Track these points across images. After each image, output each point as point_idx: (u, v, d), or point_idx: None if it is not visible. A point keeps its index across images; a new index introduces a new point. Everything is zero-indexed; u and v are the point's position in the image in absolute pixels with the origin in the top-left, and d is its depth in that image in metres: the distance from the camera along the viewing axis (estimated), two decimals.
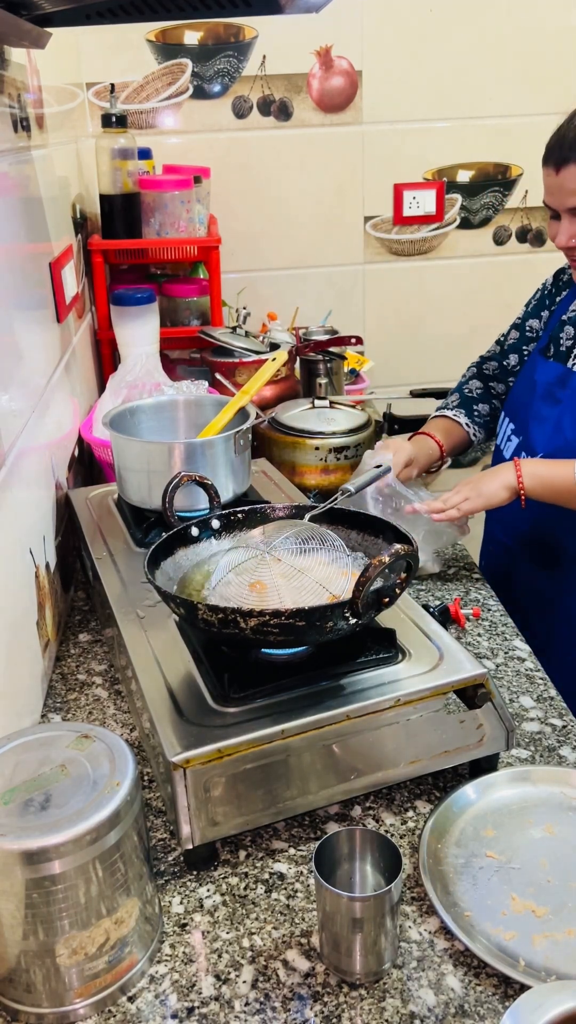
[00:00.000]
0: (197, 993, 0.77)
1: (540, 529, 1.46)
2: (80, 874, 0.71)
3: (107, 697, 1.16)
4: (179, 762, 0.83)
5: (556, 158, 1.27)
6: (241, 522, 1.13)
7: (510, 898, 0.83)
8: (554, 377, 1.44)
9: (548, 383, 1.45)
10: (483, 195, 2.41)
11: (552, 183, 1.29)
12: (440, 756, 0.95)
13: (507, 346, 1.60)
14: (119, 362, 1.84)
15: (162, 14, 1.11)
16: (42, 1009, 0.75)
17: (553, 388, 1.45)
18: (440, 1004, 0.75)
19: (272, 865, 0.90)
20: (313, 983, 0.78)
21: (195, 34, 2.14)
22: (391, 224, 2.39)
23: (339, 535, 1.05)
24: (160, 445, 1.33)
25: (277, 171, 2.28)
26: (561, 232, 1.33)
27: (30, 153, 1.37)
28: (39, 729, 0.82)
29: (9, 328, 1.14)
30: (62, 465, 1.46)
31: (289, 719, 0.87)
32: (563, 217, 1.31)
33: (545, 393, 1.46)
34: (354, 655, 0.97)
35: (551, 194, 1.31)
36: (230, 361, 1.84)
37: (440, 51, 2.25)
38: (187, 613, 0.91)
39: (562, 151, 1.25)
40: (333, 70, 2.23)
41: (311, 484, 1.62)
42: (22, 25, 1.09)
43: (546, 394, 1.45)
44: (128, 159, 1.87)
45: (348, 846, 0.81)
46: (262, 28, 2.16)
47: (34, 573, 1.16)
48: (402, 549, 0.88)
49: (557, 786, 0.96)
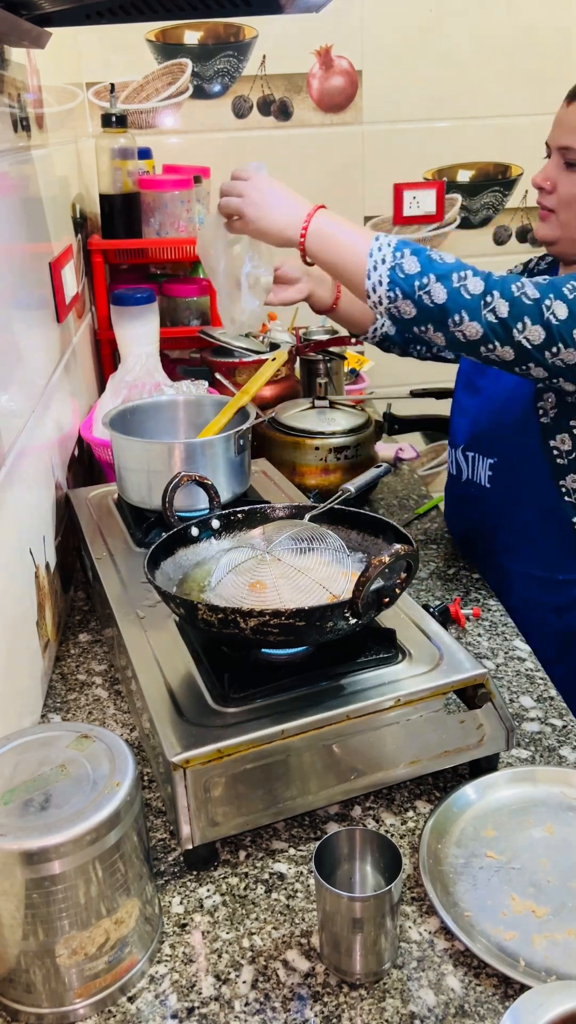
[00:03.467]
0: (197, 993, 0.77)
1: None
2: (80, 874, 0.71)
3: (107, 697, 1.16)
4: (179, 762, 0.83)
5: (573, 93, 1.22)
6: (241, 522, 1.13)
7: (510, 898, 0.83)
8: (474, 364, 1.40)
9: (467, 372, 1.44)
10: (483, 195, 2.41)
11: (559, 115, 1.24)
12: (440, 756, 0.95)
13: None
14: (119, 362, 1.84)
15: (162, 14, 1.11)
16: (42, 1009, 0.75)
17: (473, 377, 1.43)
18: (440, 1004, 0.75)
19: (272, 865, 0.90)
20: (313, 983, 0.78)
21: (195, 34, 2.14)
22: (391, 224, 2.39)
23: (339, 535, 1.05)
24: (160, 445, 1.33)
25: (277, 171, 2.24)
26: (541, 170, 1.27)
27: (30, 153, 1.37)
28: (39, 729, 0.82)
29: (9, 328, 1.14)
30: (62, 465, 1.46)
31: (289, 719, 0.87)
32: (552, 154, 1.26)
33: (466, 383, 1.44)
34: (354, 655, 0.97)
35: (553, 128, 1.25)
36: (230, 361, 1.84)
37: (440, 51, 2.25)
38: (187, 613, 0.91)
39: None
40: (333, 70, 2.23)
41: (311, 484, 1.62)
42: (22, 25, 1.09)
43: (467, 384, 1.44)
44: (128, 159, 1.87)
45: (348, 846, 0.81)
46: (262, 28, 2.16)
47: (34, 573, 1.16)
48: (402, 549, 0.88)
49: (557, 786, 0.96)
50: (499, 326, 1.10)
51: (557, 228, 1.28)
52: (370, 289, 1.13)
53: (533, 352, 1.11)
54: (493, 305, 1.10)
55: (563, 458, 1.29)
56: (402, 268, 1.11)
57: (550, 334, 1.10)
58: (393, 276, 1.11)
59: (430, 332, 1.14)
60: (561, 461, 1.29)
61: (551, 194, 1.26)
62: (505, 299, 1.10)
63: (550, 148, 1.27)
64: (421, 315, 1.12)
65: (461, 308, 1.10)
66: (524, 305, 1.10)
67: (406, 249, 1.13)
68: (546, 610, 1.36)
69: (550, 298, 1.10)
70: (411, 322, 1.14)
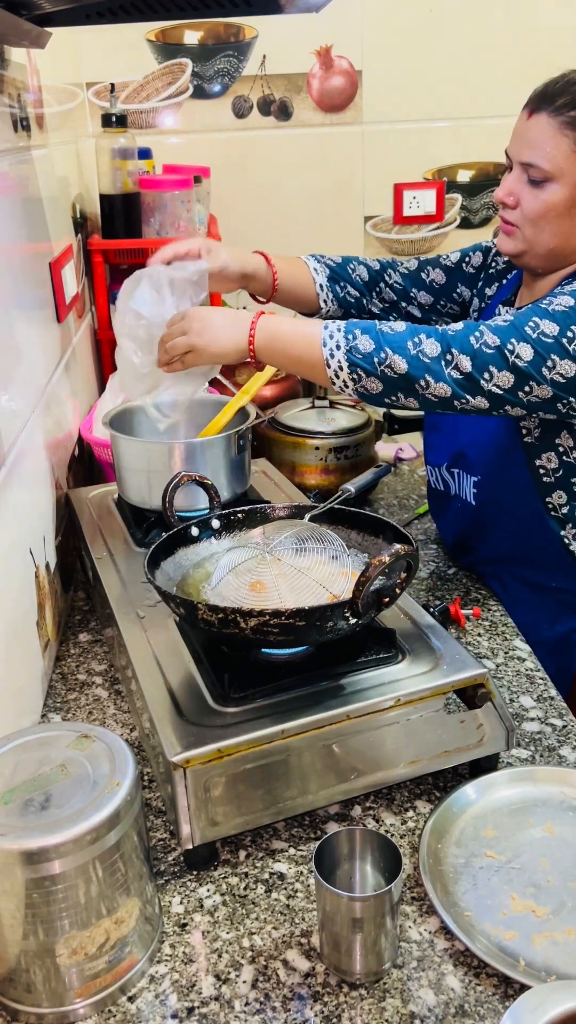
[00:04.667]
0: (197, 993, 0.77)
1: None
2: (80, 874, 0.71)
3: (107, 697, 1.16)
4: (179, 762, 0.83)
5: (532, 104, 1.18)
6: (241, 522, 1.13)
7: (510, 898, 0.83)
8: None
9: None
10: (483, 195, 2.41)
11: (518, 127, 1.20)
12: (440, 756, 0.95)
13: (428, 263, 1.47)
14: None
15: (162, 14, 1.11)
16: (42, 1009, 0.75)
17: None
18: (440, 1004, 0.75)
19: (272, 865, 0.90)
20: (313, 983, 0.78)
21: (195, 34, 2.14)
22: (391, 224, 2.39)
23: (339, 535, 1.05)
24: (160, 445, 1.33)
25: (277, 171, 2.28)
26: (502, 184, 1.22)
27: (30, 153, 1.37)
28: (39, 729, 0.82)
29: (9, 328, 1.14)
30: (62, 465, 1.45)
31: (289, 719, 0.87)
32: (514, 168, 1.20)
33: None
34: (354, 655, 0.97)
35: (513, 140, 1.21)
36: None
37: (440, 51, 2.25)
38: (187, 613, 0.91)
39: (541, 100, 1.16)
40: (333, 70, 2.22)
41: (311, 484, 1.62)
42: (22, 25, 1.09)
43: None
44: (128, 159, 1.87)
45: (348, 846, 0.81)
46: (262, 28, 2.16)
47: (34, 573, 1.16)
48: (402, 549, 0.88)
49: (557, 786, 0.96)
50: (465, 380, 1.11)
51: (522, 243, 1.24)
52: (332, 376, 1.15)
53: (506, 396, 1.12)
54: (455, 362, 1.11)
55: (549, 476, 1.28)
56: (358, 349, 1.13)
57: (519, 376, 1.10)
58: (351, 359, 1.13)
59: (402, 399, 1.15)
60: (548, 479, 1.28)
61: (514, 209, 1.22)
62: (465, 353, 1.10)
63: (510, 159, 1.21)
64: (388, 387, 1.13)
65: (424, 373, 1.11)
66: (486, 355, 1.10)
67: (356, 330, 1.14)
68: (538, 616, 1.36)
69: (512, 342, 1.10)
70: (381, 395, 1.15)
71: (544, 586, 1.36)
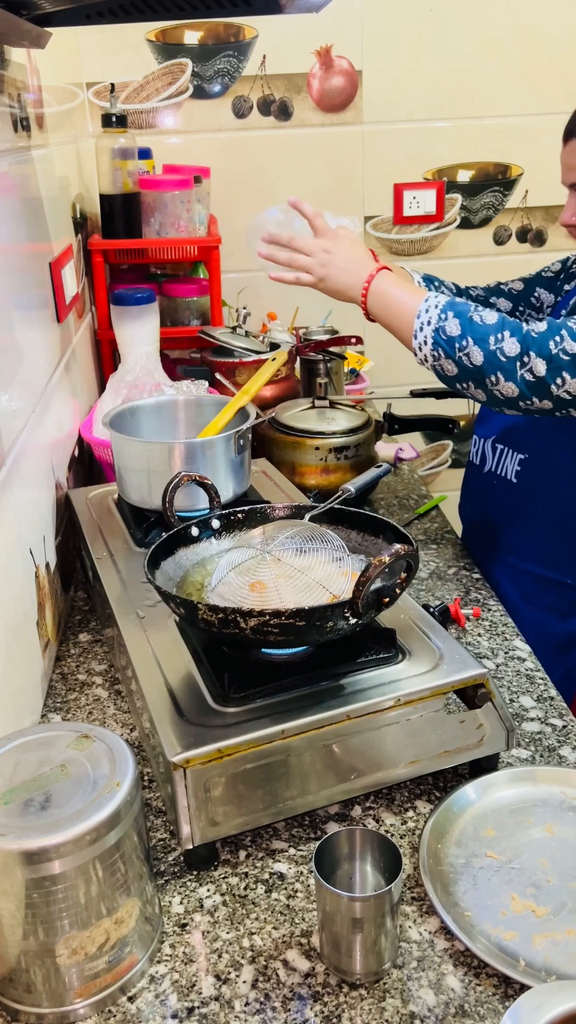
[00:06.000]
0: (197, 993, 0.77)
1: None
2: (80, 874, 0.71)
3: (107, 697, 1.16)
4: (179, 762, 0.83)
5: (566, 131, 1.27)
6: (241, 522, 1.13)
7: (510, 898, 0.83)
8: None
9: None
10: (483, 195, 2.41)
11: (562, 155, 1.29)
12: (440, 756, 0.95)
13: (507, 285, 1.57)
14: (119, 362, 1.84)
15: (162, 14, 1.11)
16: (42, 1009, 0.75)
17: None
18: (440, 1004, 0.75)
19: (272, 865, 0.90)
20: (313, 983, 0.78)
21: (195, 34, 2.14)
22: (391, 224, 2.39)
23: (339, 535, 1.05)
24: (160, 445, 1.33)
25: (277, 171, 2.28)
26: (566, 207, 1.32)
27: (30, 153, 1.37)
28: (39, 729, 0.82)
29: (9, 328, 1.14)
30: (62, 465, 1.46)
31: (289, 719, 0.87)
32: (569, 193, 1.30)
33: None
34: (354, 655, 0.97)
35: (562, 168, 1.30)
36: (230, 361, 1.84)
37: (440, 51, 2.25)
38: (187, 613, 0.91)
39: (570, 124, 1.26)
40: (333, 70, 2.23)
41: (311, 484, 1.62)
42: (22, 25, 1.09)
43: None
44: (128, 159, 1.87)
45: (348, 846, 0.81)
46: (262, 28, 2.16)
47: (34, 573, 1.16)
48: (402, 549, 0.88)
49: (557, 786, 0.96)
50: (536, 384, 1.14)
51: None
52: (416, 348, 1.20)
53: (573, 401, 1.14)
54: (530, 365, 1.13)
55: None
56: (444, 330, 1.17)
57: None
58: (436, 337, 1.17)
59: (471, 389, 1.19)
60: None
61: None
62: (542, 357, 1.13)
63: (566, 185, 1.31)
64: (462, 374, 1.18)
65: (497, 370, 1.14)
66: (562, 360, 1.12)
67: (450, 311, 1.18)
68: (549, 611, 1.36)
69: None
70: (454, 379, 1.19)
71: (559, 582, 1.36)
